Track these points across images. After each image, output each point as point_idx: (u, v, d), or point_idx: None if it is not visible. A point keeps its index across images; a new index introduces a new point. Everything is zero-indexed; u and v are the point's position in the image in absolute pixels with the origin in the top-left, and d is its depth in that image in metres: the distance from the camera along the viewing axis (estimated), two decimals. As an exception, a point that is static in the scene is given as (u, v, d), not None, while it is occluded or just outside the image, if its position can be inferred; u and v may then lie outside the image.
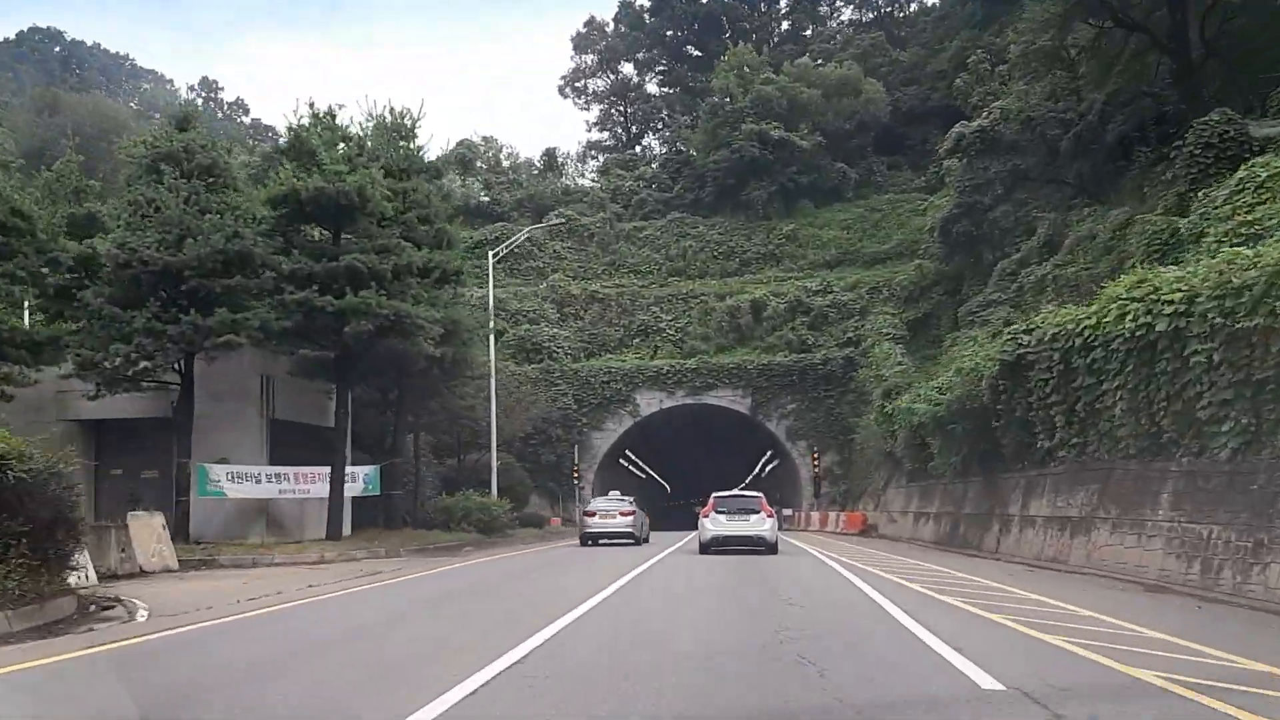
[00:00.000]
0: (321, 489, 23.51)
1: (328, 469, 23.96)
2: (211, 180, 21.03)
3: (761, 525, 24.61)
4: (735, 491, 28.63)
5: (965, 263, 50.54)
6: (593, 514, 30.09)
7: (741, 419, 54.16)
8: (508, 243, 47.52)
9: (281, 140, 29.98)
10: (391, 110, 26.15)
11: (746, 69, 70.28)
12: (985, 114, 46.65)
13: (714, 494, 26.07)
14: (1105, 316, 17.73)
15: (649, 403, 53.04)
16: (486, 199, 72.85)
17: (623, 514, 29.88)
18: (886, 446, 37.77)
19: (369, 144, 24.36)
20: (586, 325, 58.48)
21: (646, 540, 31.92)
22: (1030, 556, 20.92)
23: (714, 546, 24.48)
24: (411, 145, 26.39)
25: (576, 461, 51.70)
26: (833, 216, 65.84)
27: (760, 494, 27.06)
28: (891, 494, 39.32)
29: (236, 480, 21.81)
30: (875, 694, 6.57)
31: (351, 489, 24.79)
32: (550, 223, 58.19)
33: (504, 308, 57.75)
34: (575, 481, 51.69)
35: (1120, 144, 41.91)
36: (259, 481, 22.21)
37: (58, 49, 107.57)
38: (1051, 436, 20.82)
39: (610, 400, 52.95)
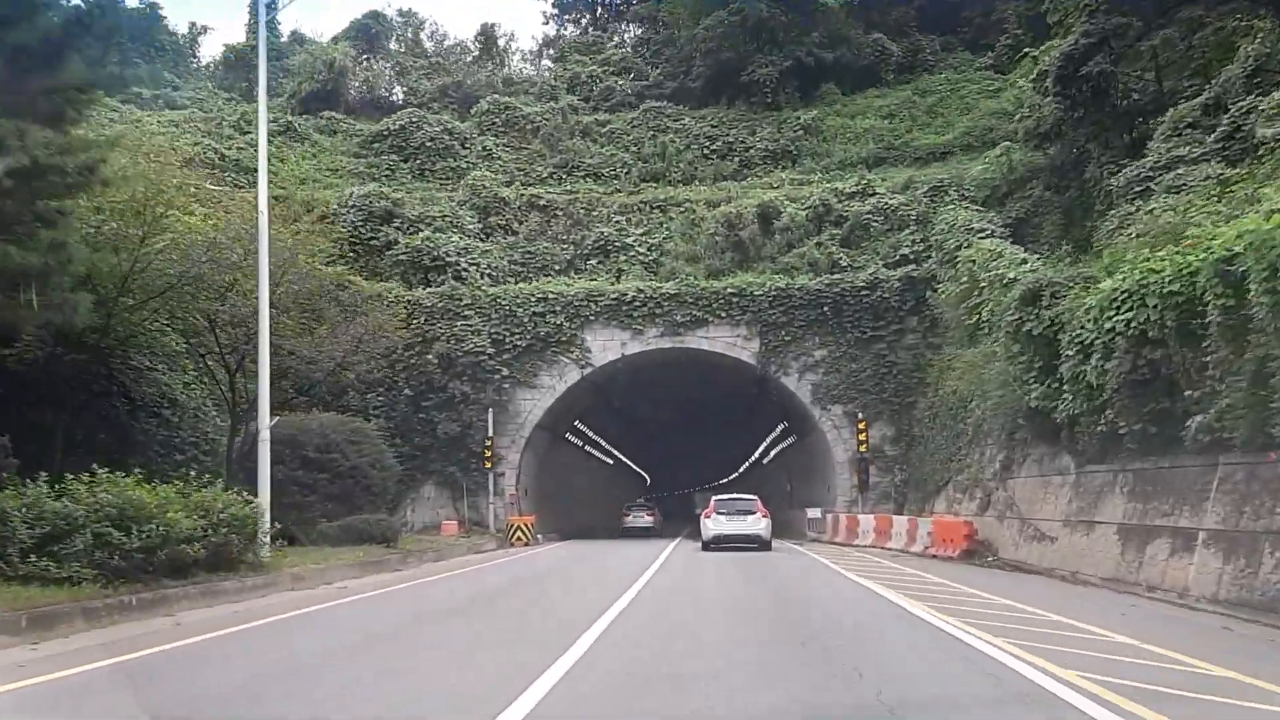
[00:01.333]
0: None
1: None
2: None
3: (757, 525, 27.43)
4: (734, 495, 31.91)
5: (1089, 129, 32.88)
6: (627, 515, 43.16)
7: (745, 372, 36.26)
8: None
9: None
10: None
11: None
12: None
13: (714, 497, 30.92)
14: None
15: (605, 346, 35.01)
16: (401, 90, 54.53)
17: (648, 515, 43.09)
18: (1028, 397, 19.94)
19: None
20: (521, 241, 40.40)
21: (660, 533, 40.99)
22: None
23: (714, 545, 26.97)
24: None
25: (491, 434, 33.63)
26: (869, 103, 47.85)
27: (756, 496, 29.79)
28: (1030, 488, 21.43)
29: None
30: None
31: None
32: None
33: (401, 214, 39.76)
34: (489, 467, 33.65)
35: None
36: None
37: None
38: None
39: (546, 342, 34.87)
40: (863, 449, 32.70)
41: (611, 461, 60.88)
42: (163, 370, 26.62)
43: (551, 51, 63.26)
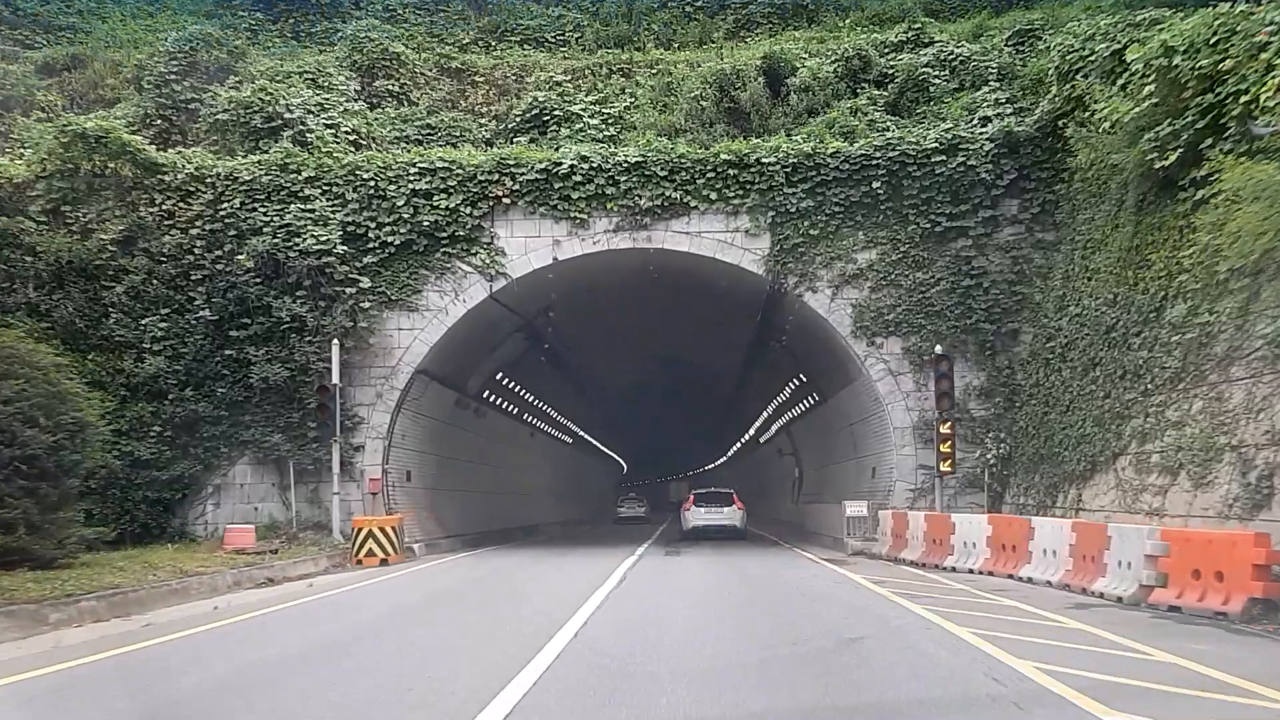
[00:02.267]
0: None
1: None
2: None
3: (734, 516, 28.76)
4: (712, 488, 32.96)
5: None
6: (621, 506, 47.05)
7: (746, 291, 23.69)
8: None
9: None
10: None
11: None
12: None
13: (694, 491, 32.93)
14: None
15: (528, 246, 22.26)
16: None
17: (639, 507, 46.50)
18: None
19: None
20: (420, 112, 27.65)
21: (650, 520, 43.62)
22: None
23: (694, 535, 28.14)
24: None
25: (337, 380, 20.79)
26: (911, -53, 35.27)
27: (732, 490, 30.87)
28: None
29: None
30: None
31: None
32: None
33: (242, 69, 27.04)
34: (336, 432, 20.81)
35: None
36: None
37: None
38: None
39: (434, 239, 22.10)
40: (944, 406, 20.03)
41: (570, 440, 48.31)
42: None
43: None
